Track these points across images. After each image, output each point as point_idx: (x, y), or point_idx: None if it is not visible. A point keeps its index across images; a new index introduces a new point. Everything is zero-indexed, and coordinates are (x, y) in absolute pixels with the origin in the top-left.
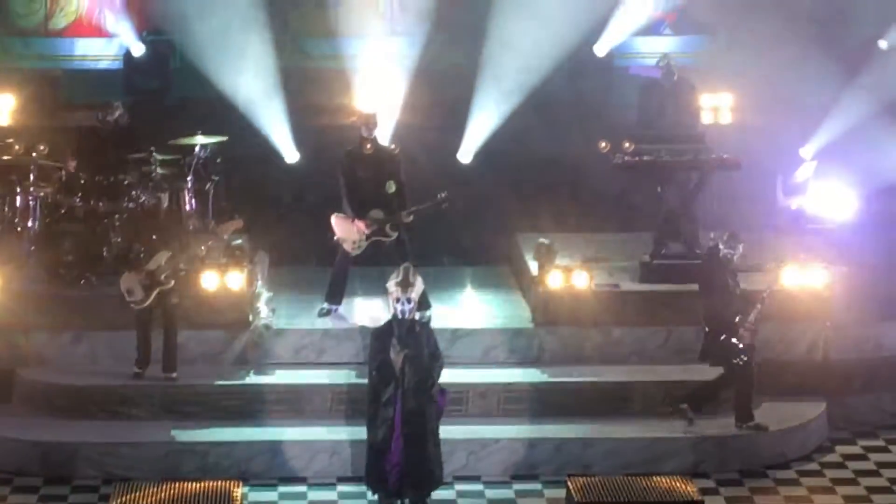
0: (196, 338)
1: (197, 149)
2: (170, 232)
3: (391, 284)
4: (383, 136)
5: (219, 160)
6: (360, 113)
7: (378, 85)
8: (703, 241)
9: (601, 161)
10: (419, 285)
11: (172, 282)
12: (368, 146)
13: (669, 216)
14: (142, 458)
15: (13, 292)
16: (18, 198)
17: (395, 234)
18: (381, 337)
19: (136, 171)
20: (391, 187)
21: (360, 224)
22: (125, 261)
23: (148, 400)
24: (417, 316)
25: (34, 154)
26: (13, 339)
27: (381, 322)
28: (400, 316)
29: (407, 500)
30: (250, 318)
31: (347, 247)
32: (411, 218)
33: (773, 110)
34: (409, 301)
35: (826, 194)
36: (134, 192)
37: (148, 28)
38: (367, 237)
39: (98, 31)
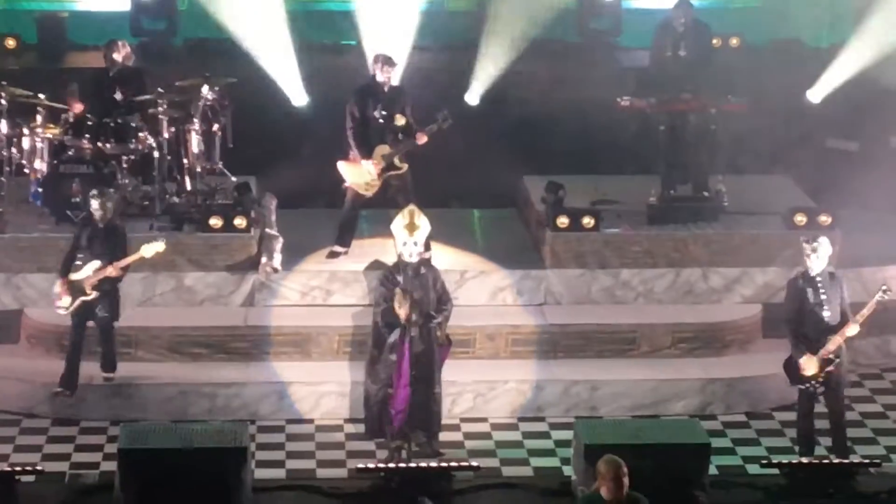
0: (204, 280)
1: (204, 91)
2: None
3: (397, 227)
4: (394, 77)
5: (226, 102)
6: (376, 56)
7: (387, 27)
8: (710, 184)
9: (609, 103)
10: (425, 227)
11: (96, 293)
12: (380, 84)
13: (677, 159)
14: (150, 399)
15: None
16: (25, 140)
17: (405, 167)
18: (386, 281)
19: (143, 113)
20: (401, 120)
21: (369, 164)
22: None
23: (155, 342)
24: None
25: (40, 97)
26: (21, 281)
27: (388, 265)
28: (407, 258)
29: (413, 444)
30: (258, 260)
31: (360, 189)
32: (426, 138)
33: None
34: (415, 244)
35: None
36: (141, 135)
37: None
38: (379, 175)
39: None
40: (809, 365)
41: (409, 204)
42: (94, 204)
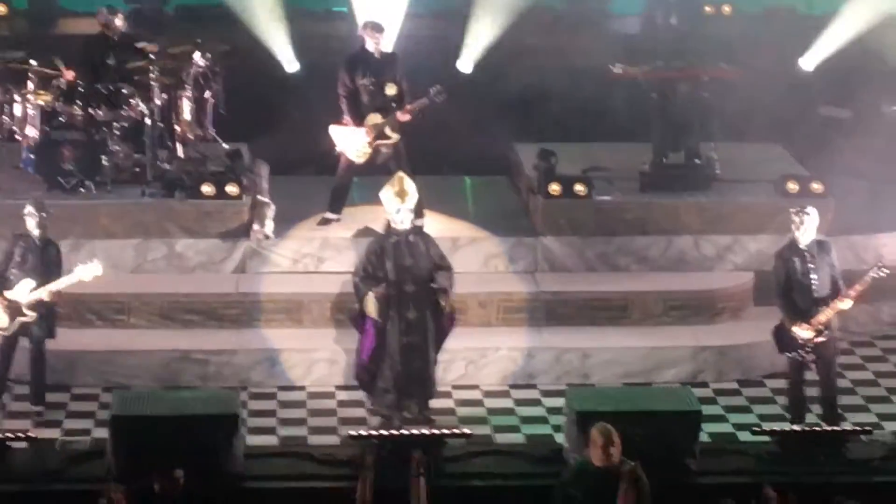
0: (195, 247)
1: (196, 58)
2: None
3: (388, 195)
4: (386, 44)
5: (218, 69)
6: (364, 23)
7: None
8: (702, 152)
9: (601, 71)
10: (414, 193)
11: (34, 314)
12: (371, 52)
13: (668, 127)
14: (141, 366)
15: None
16: (17, 106)
17: (396, 136)
18: (371, 254)
19: (135, 79)
20: (391, 89)
21: (361, 131)
22: None
23: (147, 308)
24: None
25: (31, 63)
26: None
27: (378, 233)
28: (399, 225)
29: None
30: (250, 227)
31: (351, 156)
32: (408, 117)
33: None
34: (409, 210)
35: None
36: (132, 101)
37: None
38: (370, 143)
39: None
40: (803, 331)
41: (402, 170)
42: (32, 221)
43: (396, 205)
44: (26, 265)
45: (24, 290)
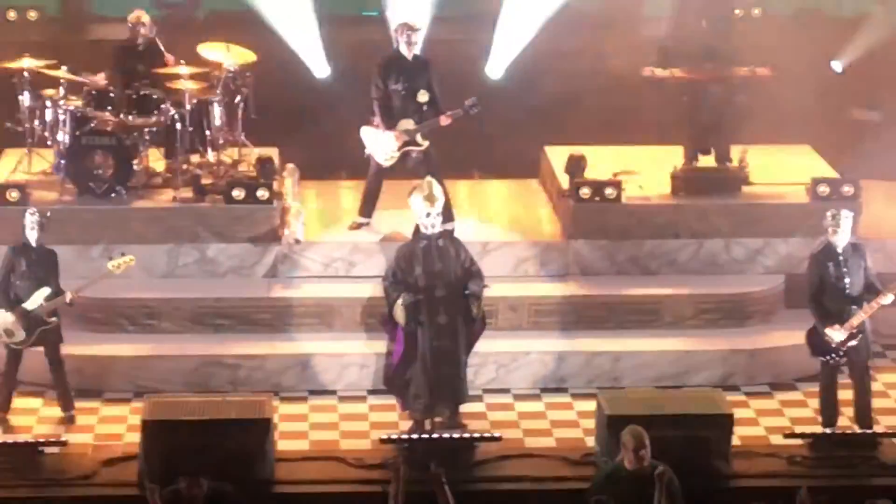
0: (226, 251)
1: (226, 63)
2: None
3: (416, 200)
4: (418, 45)
5: (248, 74)
6: (397, 26)
7: None
8: (733, 155)
9: (632, 73)
10: (442, 197)
11: (55, 319)
12: (405, 57)
13: (699, 129)
14: (173, 371)
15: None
16: (48, 111)
17: (426, 144)
18: (404, 255)
19: (165, 85)
20: (423, 96)
21: (391, 135)
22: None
23: (178, 313)
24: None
25: (63, 69)
26: None
27: (407, 239)
28: (430, 230)
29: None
30: (281, 231)
31: (379, 159)
32: (448, 121)
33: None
34: (438, 214)
35: None
36: (163, 106)
37: None
38: (399, 147)
39: None
40: (836, 334)
41: (433, 177)
42: (33, 232)
43: (426, 209)
44: (36, 274)
45: (40, 299)
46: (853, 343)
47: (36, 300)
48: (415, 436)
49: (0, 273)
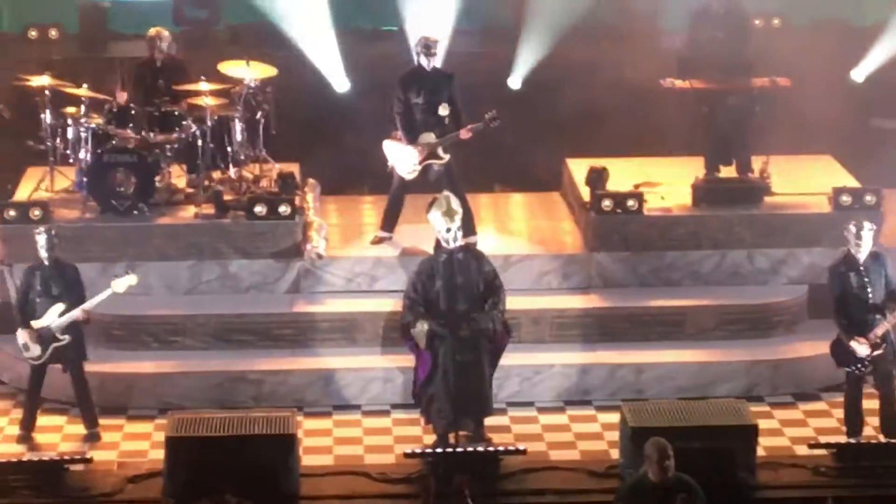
0: (249, 267)
1: (246, 78)
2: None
3: (436, 215)
4: (438, 58)
5: (269, 89)
6: (417, 40)
7: (428, 12)
8: (755, 165)
9: (651, 85)
10: (461, 211)
11: (68, 337)
12: (426, 70)
13: (719, 140)
14: (196, 387)
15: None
16: (70, 129)
17: (447, 157)
18: (421, 275)
19: (186, 101)
20: (444, 109)
21: (413, 149)
22: (21, 314)
23: (201, 329)
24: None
25: (84, 87)
26: None
27: (429, 254)
28: (451, 244)
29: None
30: (303, 246)
31: (401, 172)
32: (469, 135)
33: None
34: (459, 229)
35: None
36: (185, 123)
37: None
38: (420, 161)
39: None
40: (861, 347)
41: (455, 191)
42: (43, 250)
43: (446, 224)
44: (52, 291)
45: (54, 316)
46: (878, 353)
47: (50, 317)
48: (439, 450)
49: (18, 292)
